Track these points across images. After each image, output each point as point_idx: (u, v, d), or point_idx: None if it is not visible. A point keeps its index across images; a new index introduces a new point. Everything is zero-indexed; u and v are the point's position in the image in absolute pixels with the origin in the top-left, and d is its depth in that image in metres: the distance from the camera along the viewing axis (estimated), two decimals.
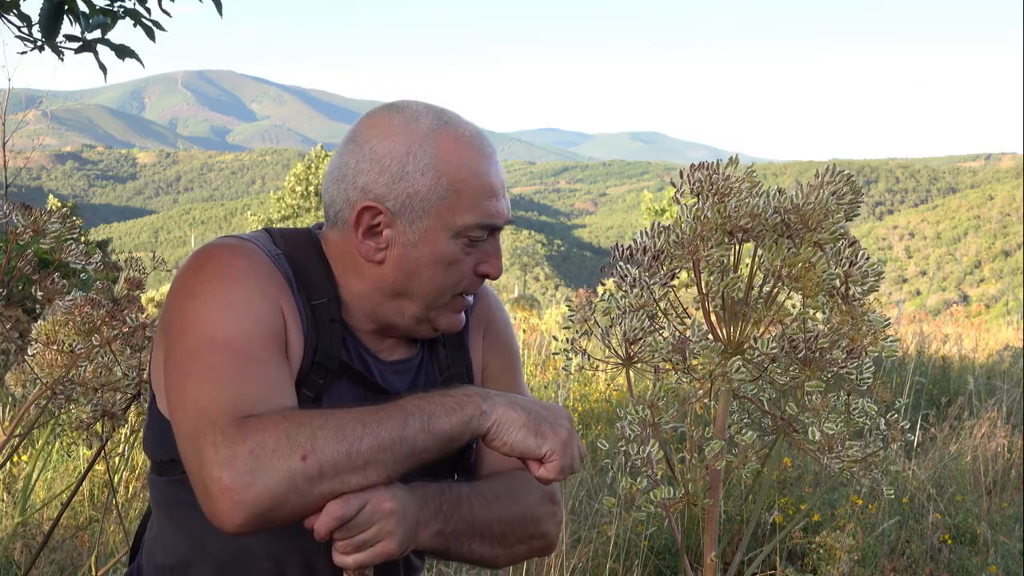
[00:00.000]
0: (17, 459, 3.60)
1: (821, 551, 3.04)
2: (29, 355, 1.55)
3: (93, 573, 1.88)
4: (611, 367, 1.07)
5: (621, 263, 1.06)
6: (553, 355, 1.14)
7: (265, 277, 1.10)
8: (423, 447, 0.97)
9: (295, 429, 0.94)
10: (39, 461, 2.91)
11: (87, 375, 1.56)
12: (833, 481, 1.05)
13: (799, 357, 0.96)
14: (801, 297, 1.01)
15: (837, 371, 0.96)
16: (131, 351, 1.59)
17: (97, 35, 2.82)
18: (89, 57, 2.83)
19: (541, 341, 7.44)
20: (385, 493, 0.97)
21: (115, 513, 3.21)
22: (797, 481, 4.07)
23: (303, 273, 1.15)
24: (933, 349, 7.83)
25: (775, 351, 0.97)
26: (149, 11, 2.97)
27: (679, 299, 1.06)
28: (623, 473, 1.04)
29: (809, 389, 0.97)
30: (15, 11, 2.81)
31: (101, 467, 3.61)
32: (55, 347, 1.52)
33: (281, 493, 0.92)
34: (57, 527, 2.99)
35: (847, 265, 1.00)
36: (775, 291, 1.01)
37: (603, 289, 1.10)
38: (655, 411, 1.04)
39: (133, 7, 2.93)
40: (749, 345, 0.98)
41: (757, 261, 1.01)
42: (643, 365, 1.05)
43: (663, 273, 1.05)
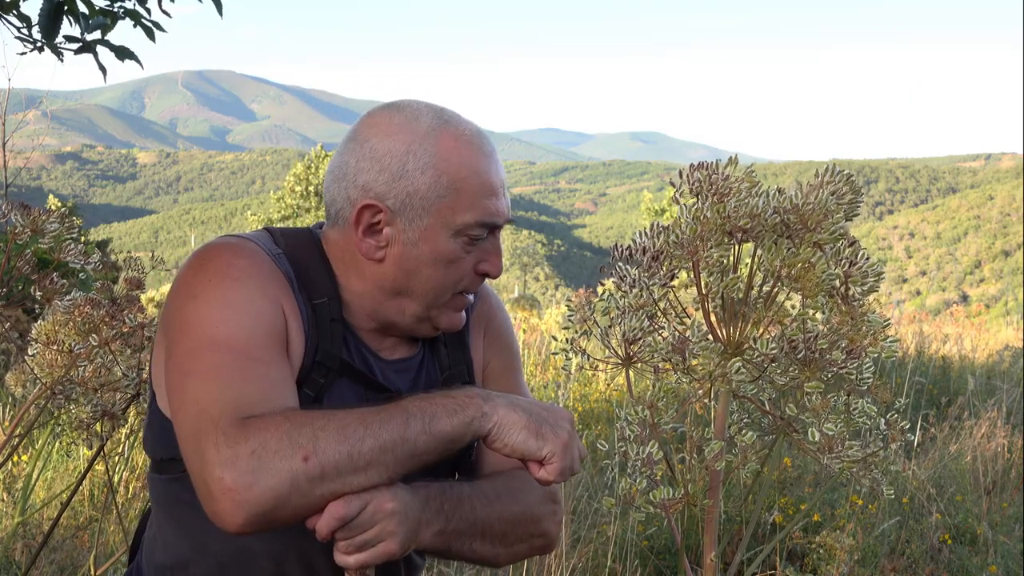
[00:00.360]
0: (17, 459, 3.60)
1: (821, 551, 3.04)
2: (29, 355, 1.55)
3: (93, 573, 1.88)
4: (611, 367, 1.07)
5: (620, 263, 1.06)
6: (553, 355, 1.14)
7: (266, 276, 1.10)
8: (424, 448, 0.97)
9: (297, 430, 0.94)
10: (39, 461, 2.91)
11: (87, 375, 1.56)
12: (833, 481, 1.05)
13: (799, 357, 0.96)
14: (801, 297, 1.00)
15: (837, 371, 0.96)
16: (131, 351, 1.59)
17: (97, 36, 2.82)
18: (89, 58, 2.84)
19: (541, 341, 7.44)
20: (387, 493, 0.97)
21: (115, 513, 3.21)
22: (797, 481, 4.07)
23: (304, 272, 1.15)
24: (933, 349, 7.83)
25: (775, 351, 0.97)
26: (149, 11, 2.97)
27: (679, 299, 1.06)
28: (623, 473, 1.04)
29: (809, 389, 0.97)
30: (15, 12, 2.81)
31: (101, 467, 3.61)
32: (55, 347, 1.52)
33: (283, 493, 0.92)
34: (57, 527, 2.99)
35: (847, 265, 1.00)
36: (775, 291, 1.01)
37: (603, 289, 1.10)
38: (655, 411, 1.04)
39: (133, 8, 2.93)
40: (749, 345, 0.98)
41: (757, 261, 1.01)
42: (643, 365, 1.05)
43: (662, 273, 1.05)
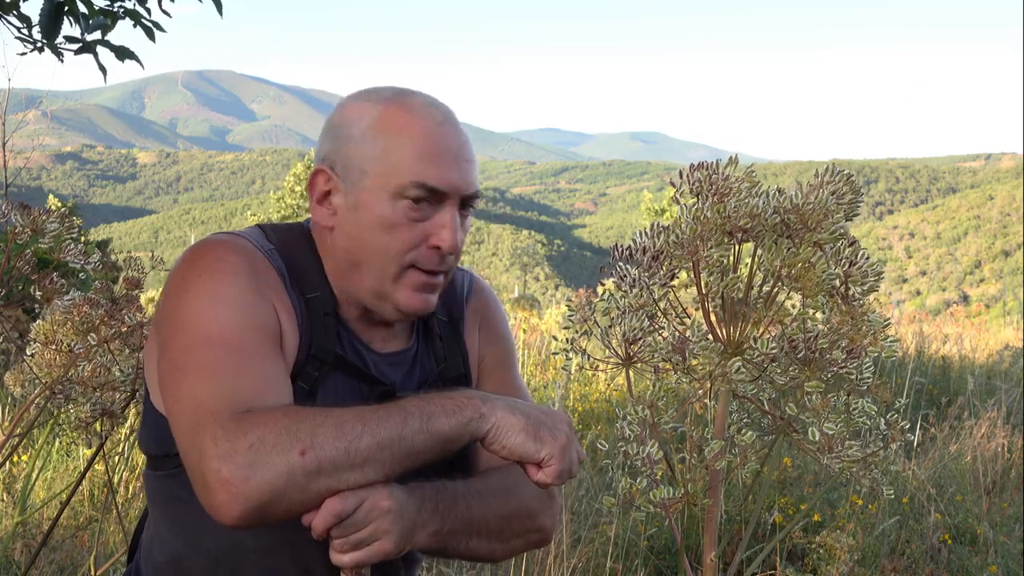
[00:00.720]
0: (17, 459, 3.60)
1: (821, 551, 3.04)
2: (28, 355, 1.55)
3: (92, 573, 1.88)
4: (611, 367, 1.07)
5: (621, 263, 1.06)
6: (553, 355, 1.13)
7: (258, 272, 1.11)
8: (421, 447, 0.97)
9: (295, 425, 0.94)
10: (39, 461, 2.91)
11: (86, 374, 1.56)
12: (833, 481, 1.05)
13: (799, 357, 0.96)
14: (801, 297, 1.00)
15: (837, 371, 0.96)
16: (130, 351, 1.59)
17: (97, 36, 2.82)
18: (89, 58, 2.83)
19: (541, 341, 7.44)
20: (383, 492, 0.97)
21: (115, 513, 3.21)
22: (797, 481, 4.07)
23: (296, 267, 1.16)
24: (933, 349, 7.83)
25: (775, 351, 0.97)
26: (149, 12, 2.97)
27: (679, 299, 1.06)
28: (623, 473, 1.04)
29: (809, 389, 0.97)
30: (15, 12, 2.80)
31: (101, 467, 3.61)
32: (54, 347, 1.52)
33: (279, 487, 0.92)
34: (57, 527, 2.99)
35: (847, 265, 1.00)
36: (775, 291, 1.01)
37: (603, 289, 1.10)
38: (655, 411, 1.04)
39: (133, 8, 2.93)
40: (749, 345, 0.98)
41: (757, 261, 1.01)
42: (643, 365, 1.05)
43: (663, 273, 1.04)
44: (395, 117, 1.13)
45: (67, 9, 2.73)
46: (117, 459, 3.32)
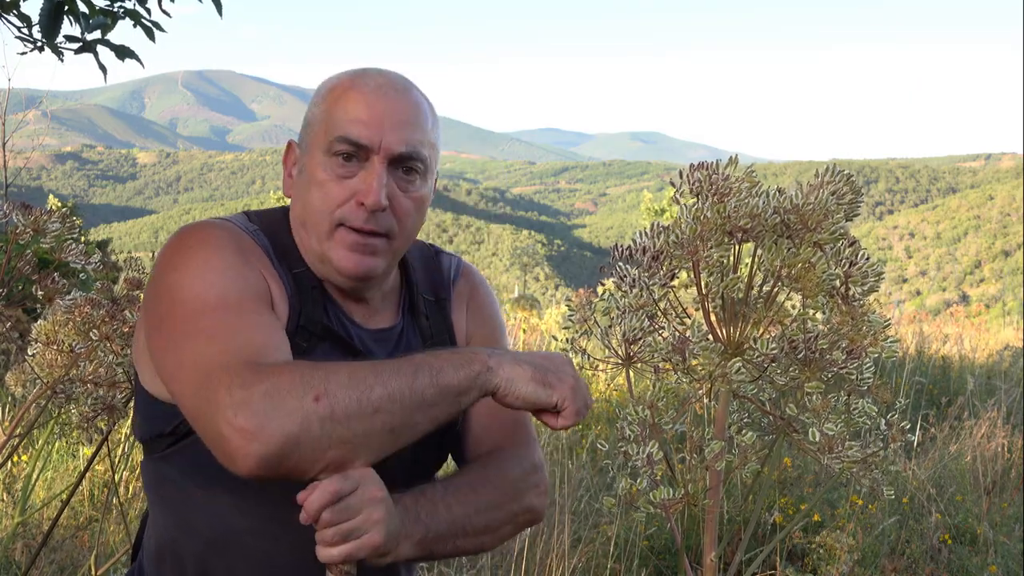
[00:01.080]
0: (17, 459, 3.60)
1: (821, 551, 3.04)
2: (29, 355, 1.55)
3: (93, 573, 1.88)
4: (611, 367, 1.07)
5: (621, 263, 1.06)
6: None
7: (246, 247, 1.13)
8: (432, 400, 0.97)
9: (310, 372, 0.94)
10: (39, 461, 2.91)
11: (87, 373, 1.56)
12: (833, 481, 1.05)
13: (799, 357, 0.96)
14: (801, 297, 1.01)
15: (837, 371, 0.96)
16: (130, 350, 1.59)
17: (97, 36, 2.82)
18: (89, 57, 2.83)
19: (541, 341, 7.44)
20: (376, 481, 0.97)
21: (115, 513, 3.21)
22: (797, 481, 4.07)
23: (280, 245, 1.18)
24: (933, 349, 7.82)
25: (775, 352, 0.97)
26: (149, 11, 2.97)
27: (679, 299, 1.06)
28: (623, 473, 1.04)
29: (809, 390, 0.97)
30: (15, 12, 2.81)
31: (101, 467, 3.61)
32: (55, 347, 1.52)
33: (294, 434, 0.91)
34: (57, 527, 2.99)
35: (847, 265, 1.00)
36: (775, 291, 1.01)
37: (603, 289, 1.10)
38: (655, 411, 1.04)
39: (133, 7, 2.93)
40: (749, 346, 0.98)
41: (757, 261, 1.01)
42: (643, 365, 1.05)
43: (663, 273, 1.05)
44: (341, 86, 1.16)
45: (67, 9, 2.73)
46: (118, 457, 3.32)
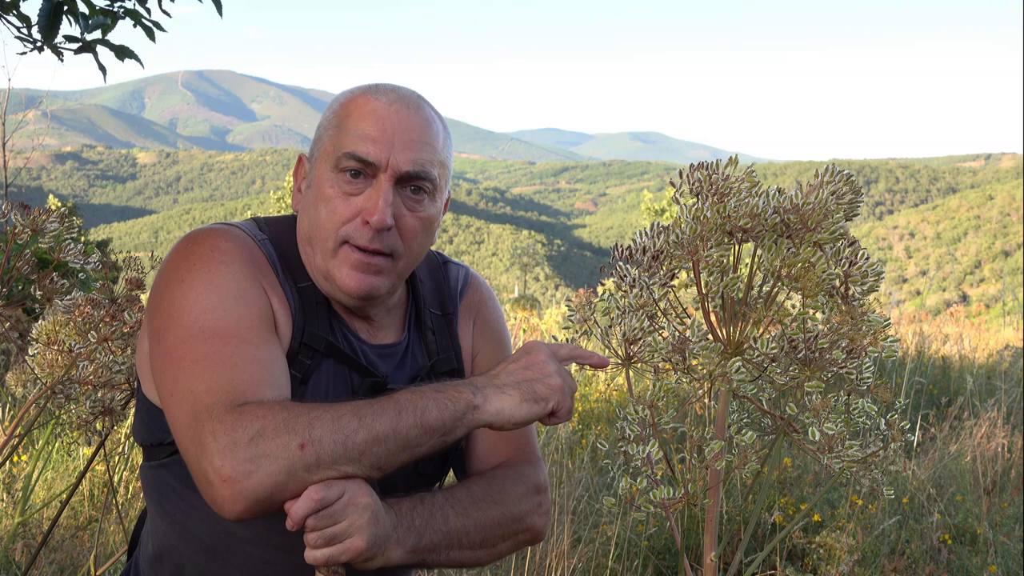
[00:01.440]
0: (17, 459, 3.61)
1: (821, 551, 3.04)
2: (29, 355, 1.55)
3: (93, 573, 1.88)
4: (611, 367, 1.07)
5: (621, 263, 1.06)
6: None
7: (251, 260, 1.12)
8: (416, 441, 0.98)
9: (294, 419, 0.94)
10: (39, 461, 2.91)
11: (86, 374, 1.56)
12: (833, 481, 1.05)
13: (799, 357, 0.96)
14: (801, 297, 1.00)
15: (837, 371, 0.96)
16: (131, 351, 1.59)
17: (97, 36, 2.82)
18: (89, 57, 2.83)
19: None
20: (364, 487, 0.97)
21: (115, 513, 3.21)
22: (797, 481, 4.07)
23: (287, 257, 1.17)
24: (933, 349, 7.82)
25: (775, 351, 0.97)
26: (149, 11, 2.97)
27: (679, 299, 1.06)
28: (623, 473, 1.04)
29: (809, 389, 0.97)
30: (15, 12, 2.80)
31: (101, 467, 3.61)
32: (55, 347, 1.52)
33: (281, 481, 0.93)
34: (57, 527, 2.99)
35: (847, 265, 1.00)
36: (775, 291, 1.01)
37: (603, 289, 1.10)
38: (655, 411, 1.04)
39: (133, 8, 2.93)
40: (749, 345, 0.98)
41: (757, 261, 1.01)
42: (643, 365, 1.05)
43: (663, 273, 1.05)
44: (353, 101, 1.15)
45: (67, 9, 2.73)
46: (117, 459, 3.32)
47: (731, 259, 1.02)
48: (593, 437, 4.85)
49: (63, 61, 2.82)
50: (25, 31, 2.78)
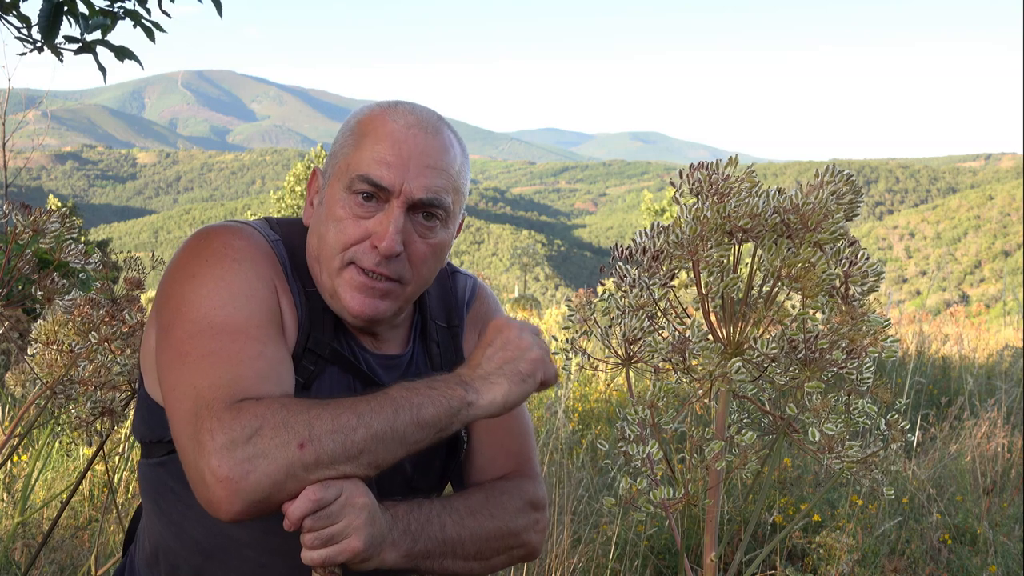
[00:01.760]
0: (17, 459, 3.60)
1: (821, 551, 3.04)
2: (29, 355, 1.55)
3: (93, 573, 1.88)
4: (611, 367, 1.07)
5: (620, 263, 1.06)
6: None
7: (262, 259, 1.12)
8: (414, 439, 0.99)
9: (293, 417, 0.94)
10: (39, 461, 2.91)
11: (86, 374, 1.56)
12: (833, 481, 1.05)
13: (799, 357, 0.96)
14: (801, 297, 1.00)
15: (837, 371, 0.96)
16: (131, 351, 1.59)
17: (97, 36, 2.82)
18: (89, 58, 2.83)
19: None
20: (360, 488, 0.97)
21: (115, 513, 3.21)
22: (797, 481, 4.07)
23: (298, 261, 1.17)
24: (933, 349, 7.82)
25: (775, 351, 0.97)
26: (149, 12, 2.97)
27: (679, 299, 1.06)
28: (623, 473, 1.04)
29: (809, 389, 0.97)
30: (15, 12, 2.80)
31: (101, 467, 3.61)
32: (55, 347, 1.52)
33: (279, 481, 0.93)
34: (57, 527, 2.99)
35: (847, 265, 1.00)
36: (775, 291, 1.01)
37: (603, 289, 1.10)
38: (655, 411, 1.04)
39: (133, 8, 2.92)
40: (749, 345, 0.98)
41: (757, 261, 1.01)
42: (643, 365, 1.05)
43: (662, 273, 1.05)
44: (371, 120, 1.15)
45: (67, 9, 2.73)
46: (117, 459, 3.32)
47: (731, 259, 1.02)
48: (593, 437, 4.85)
49: (63, 61, 2.82)
50: (25, 31, 2.78)
